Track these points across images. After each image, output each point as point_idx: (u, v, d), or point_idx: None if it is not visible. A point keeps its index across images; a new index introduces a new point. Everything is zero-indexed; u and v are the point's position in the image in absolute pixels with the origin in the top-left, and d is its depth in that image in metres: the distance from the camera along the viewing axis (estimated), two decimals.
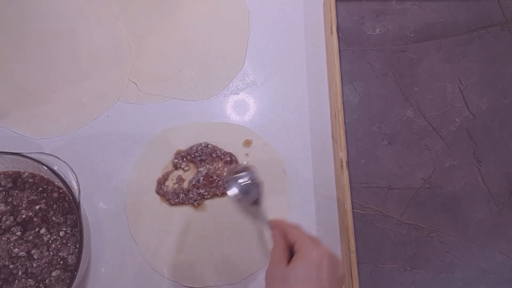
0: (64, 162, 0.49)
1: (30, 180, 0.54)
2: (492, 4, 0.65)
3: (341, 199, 0.57)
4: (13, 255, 0.51)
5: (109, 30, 0.63)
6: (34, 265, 0.51)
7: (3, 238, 0.51)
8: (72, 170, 0.49)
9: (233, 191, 0.54)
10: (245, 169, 0.55)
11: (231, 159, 0.58)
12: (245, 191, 0.54)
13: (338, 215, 0.59)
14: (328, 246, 0.42)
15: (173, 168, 0.59)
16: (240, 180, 0.54)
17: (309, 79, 0.63)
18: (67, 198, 0.53)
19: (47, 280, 0.50)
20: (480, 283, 0.57)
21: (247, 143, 0.60)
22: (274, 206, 0.58)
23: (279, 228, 0.46)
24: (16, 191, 0.53)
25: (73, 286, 0.46)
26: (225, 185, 0.55)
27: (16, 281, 0.50)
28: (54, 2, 0.64)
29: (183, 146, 0.60)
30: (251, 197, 0.54)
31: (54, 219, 0.52)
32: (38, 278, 0.50)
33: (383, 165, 0.60)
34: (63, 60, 0.62)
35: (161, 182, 0.58)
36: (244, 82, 0.63)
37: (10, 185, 0.53)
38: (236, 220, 0.58)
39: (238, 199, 0.54)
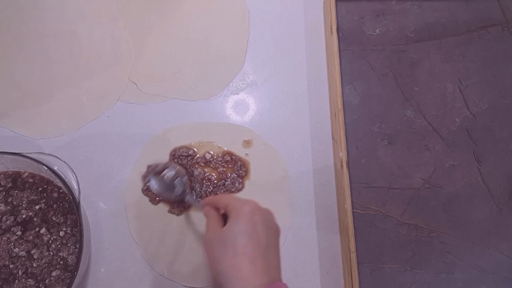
0: (64, 162, 0.49)
1: (30, 180, 0.54)
2: (492, 4, 0.65)
3: (341, 199, 0.57)
4: (13, 255, 0.51)
5: (108, 30, 0.63)
6: (34, 265, 0.51)
7: (3, 238, 0.51)
8: (72, 170, 0.49)
9: (157, 187, 0.54)
10: (166, 166, 0.56)
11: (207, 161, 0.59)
12: (170, 186, 0.55)
13: (338, 215, 0.59)
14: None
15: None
16: (164, 176, 0.55)
17: (309, 79, 0.63)
18: (67, 198, 0.53)
19: (47, 280, 0.50)
20: (480, 283, 0.57)
21: (247, 143, 0.60)
22: (274, 206, 0.58)
23: (210, 203, 0.47)
24: (16, 191, 0.53)
25: (73, 286, 0.46)
26: (147, 184, 0.56)
27: (16, 281, 0.50)
28: (54, 2, 0.64)
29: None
30: (178, 190, 0.54)
31: (54, 219, 0.52)
32: (38, 278, 0.50)
33: (383, 165, 0.60)
34: (63, 60, 0.62)
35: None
36: (244, 82, 0.63)
37: (10, 185, 0.53)
38: None
39: (164, 195, 0.55)
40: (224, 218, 0.45)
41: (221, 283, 0.41)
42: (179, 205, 0.57)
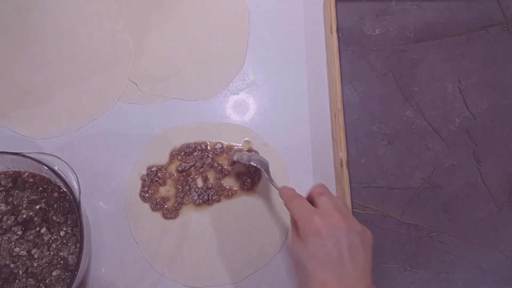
0: (65, 162, 0.49)
1: (31, 180, 0.54)
2: (492, 4, 0.65)
3: (341, 199, 0.57)
4: (14, 254, 0.51)
5: (108, 30, 0.63)
6: (35, 264, 0.51)
7: (4, 238, 0.51)
8: (73, 170, 0.49)
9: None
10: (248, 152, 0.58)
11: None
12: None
13: None
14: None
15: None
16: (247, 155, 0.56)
17: (309, 79, 0.63)
18: (67, 198, 0.53)
19: (47, 280, 0.50)
20: (480, 283, 0.57)
21: (247, 143, 0.60)
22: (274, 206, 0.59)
23: (285, 203, 0.46)
24: (17, 191, 0.53)
25: (73, 285, 0.46)
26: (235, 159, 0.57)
27: (17, 280, 0.50)
28: (54, 2, 0.64)
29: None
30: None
31: (54, 218, 0.52)
32: (39, 278, 0.50)
33: (383, 165, 0.60)
34: (63, 60, 0.62)
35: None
36: (244, 82, 0.63)
37: (10, 185, 0.53)
38: (236, 220, 0.58)
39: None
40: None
41: None
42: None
